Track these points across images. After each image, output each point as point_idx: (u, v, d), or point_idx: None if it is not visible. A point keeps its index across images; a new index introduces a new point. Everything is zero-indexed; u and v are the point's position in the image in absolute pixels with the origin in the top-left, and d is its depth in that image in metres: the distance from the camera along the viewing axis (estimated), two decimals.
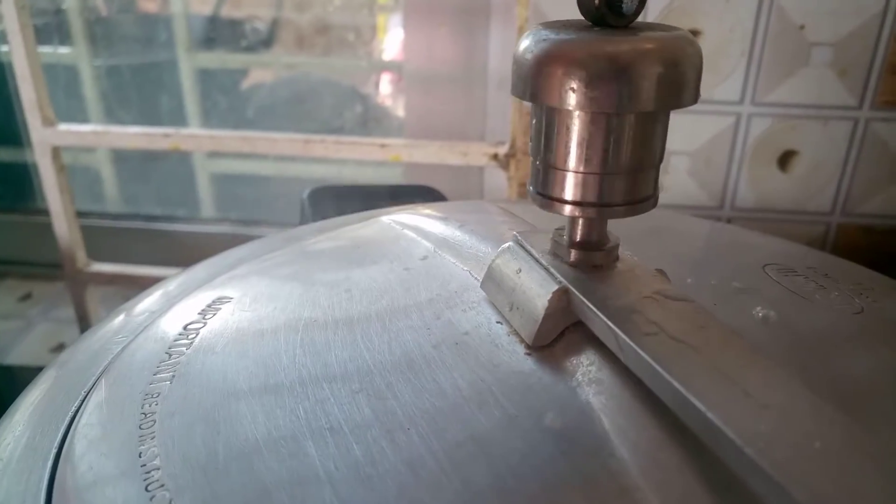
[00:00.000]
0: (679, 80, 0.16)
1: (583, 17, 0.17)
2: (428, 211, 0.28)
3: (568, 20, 0.17)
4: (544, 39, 0.16)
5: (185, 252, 0.73)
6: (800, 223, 0.49)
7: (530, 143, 0.17)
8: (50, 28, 0.70)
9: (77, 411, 0.18)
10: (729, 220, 0.50)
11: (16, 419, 0.19)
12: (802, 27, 0.44)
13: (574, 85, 0.15)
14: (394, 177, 0.71)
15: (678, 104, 0.16)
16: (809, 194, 0.49)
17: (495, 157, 0.50)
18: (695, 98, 0.16)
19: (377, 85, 0.70)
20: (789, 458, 0.12)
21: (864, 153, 0.47)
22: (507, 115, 0.52)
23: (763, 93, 0.46)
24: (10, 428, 0.18)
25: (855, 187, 0.48)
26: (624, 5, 0.16)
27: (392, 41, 0.69)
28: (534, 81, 0.16)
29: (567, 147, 0.16)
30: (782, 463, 0.12)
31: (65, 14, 0.71)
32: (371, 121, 0.71)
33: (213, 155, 0.76)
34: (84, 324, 0.60)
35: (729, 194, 0.49)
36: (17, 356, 0.62)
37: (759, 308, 0.20)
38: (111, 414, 0.17)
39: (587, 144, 0.16)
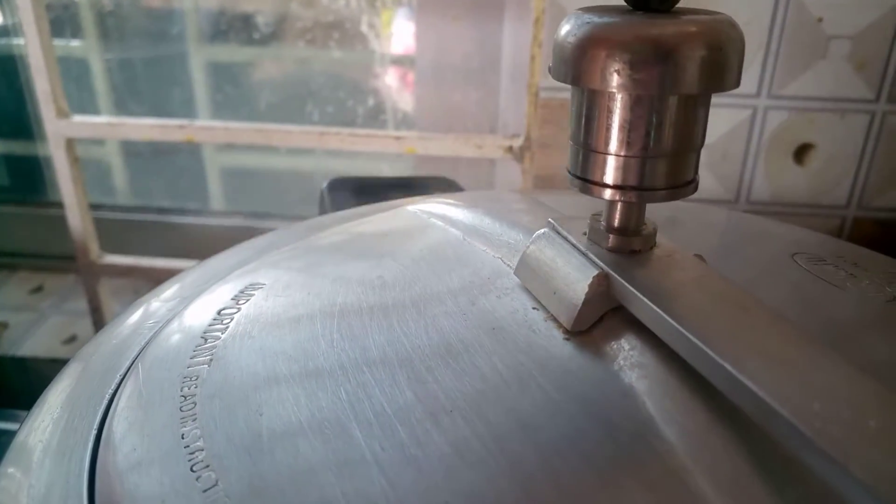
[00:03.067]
0: (723, 64, 0.15)
1: (624, 2, 0.17)
2: (451, 200, 0.28)
3: (608, 5, 0.17)
4: (587, 23, 0.16)
5: (196, 245, 0.73)
6: (815, 216, 0.49)
7: (570, 127, 0.17)
8: (61, 21, 0.70)
9: (114, 394, 0.18)
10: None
11: (53, 402, 0.19)
12: (820, 20, 0.44)
13: (618, 67, 0.15)
14: (405, 170, 0.71)
15: (721, 87, 0.16)
16: (825, 188, 0.48)
17: (510, 149, 0.50)
18: (737, 82, 0.16)
19: (385, 79, 0.70)
20: (846, 437, 0.12)
21: (880, 147, 0.47)
22: (521, 108, 0.52)
23: (780, 86, 0.46)
24: (47, 411, 0.18)
25: (871, 181, 0.48)
26: None
27: (399, 35, 0.69)
28: (576, 64, 0.16)
29: (609, 130, 0.16)
30: (840, 441, 0.12)
31: (76, 7, 0.71)
32: (379, 114, 0.71)
33: (223, 149, 0.76)
34: (97, 316, 0.60)
35: (745, 187, 0.49)
36: (30, 348, 0.63)
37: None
38: (150, 397, 0.17)
39: (630, 127, 0.16)
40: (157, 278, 0.60)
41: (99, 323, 0.60)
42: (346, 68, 0.69)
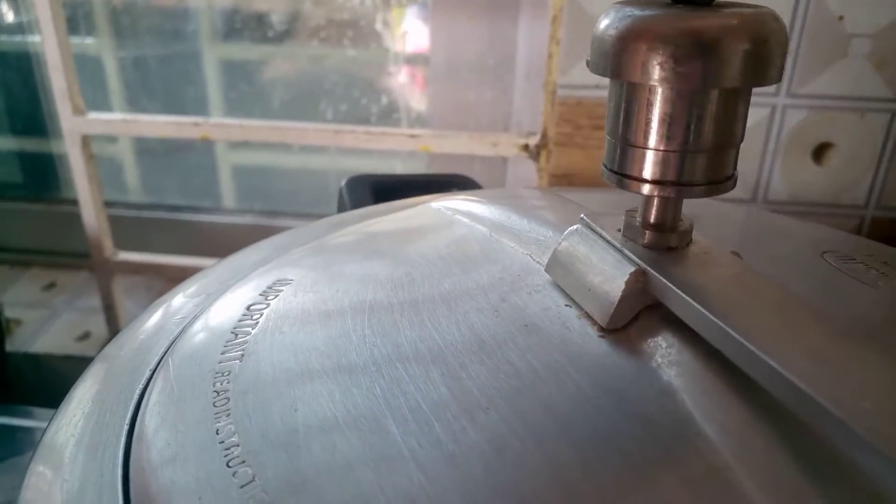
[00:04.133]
0: (766, 57, 0.15)
1: None
2: (475, 197, 0.28)
3: None
4: (628, 16, 0.16)
5: (208, 242, 0.73)
6: (834, 216, 0.49)
7: (608, 122, 0.17)
8: (75, 19, 0.71)
9: (145, 389, 0.18)
10: None
11: (82, 398, 0.19)
12: (841, 18, 0.44)
13: (660, 60, 0.15)
14: (418, 168, 0.71)
15: (764, 81, 0.16)
16: (844, 187, 0.48)
17: (526, 147, 0.50)
18: (779, 76, 0.16)
19: (398, 77, 0.70)
20: None
21: None
22: (536, 107, 0.52)
23: (799, 84, 0.46)
24: (77, 406, 0.18)
25: (890, 180, 0.47)
26: None
27: (412, 33, 0.68)
28: (616, 57, 0.16)
29: (649, 124, 0.16)
30: (894, 439, 0.11)
31: (90, 5, 0.71)
32: (393, 113, 0.70)
33: (236, 146, 0.76)
34: (110, 313, 0.60)
35: (762, 186, 0.49)
36: (43, 345, 0.63)
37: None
38: (182, 392, 0.17)
39: (670, 121, 0.16)
40: (171, 275, 0.60)
41: (112, 320, 0.60)
42: (359, 67, 0.69)
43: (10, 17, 0.76)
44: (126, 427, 0.17)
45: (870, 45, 0.44)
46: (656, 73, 0.15)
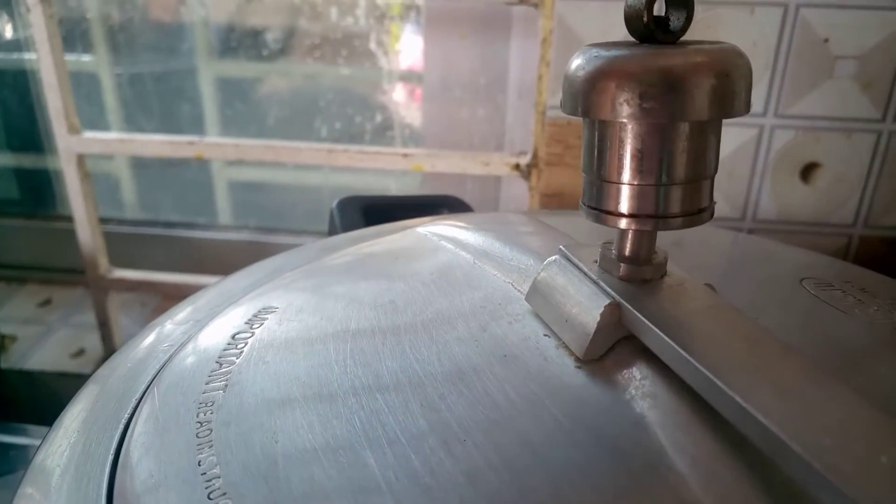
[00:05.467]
0: (730, 90, 0.16)
1: (631, 37, 0.17)
2: (461, 223, 0.28)
3: (616, 41, 0.17)
4: (596, 56, 0.16)
5: (204, 259, 0.73)
6: (822, 235, 0.49)
7: (582, 160, 0.17)
8: (72, 36, 0.71)
9: (130, 419, 0.18)
10: (750, 232, 0.50)
11: (70, 426, 0.19)
12: (827, 40, 0.44)
13: (628, 97, 0.15)
14: (411, 185, 0.71)
15: (730, 113, 0.16)
16: (832, 206, 0.49)
17: (517, 167, 0.50)
18: (746, 107, 0.16)
19: (392, 95, 0.71)
20: (858, 473, 0.12)
21: (887, 166, 0.47)
22: (528, 126, 0.52)
23: (786, 105, 0.46)
24: (64, 435, 0.19)
25: (878, 200, 0.48)
26: (671, 22, 0.17)
27: (407, 51, 0.69)
28: (586, 97, 0.16)
29: (621, 160, 0.16)
30: (851, 477, 0.12)
31: (86, 23, 0.72)
32: (387, 130, 0.71)
33: (231, 163, 0.76)
34: (105, 330, 0.60)
35: (751, 206, 0.49)
36: (37, 361, 0.63)
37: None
38: (166, 422, 0.17)
39: (642, 156, 0.16)
40: (166, 293, 0.60)
41: (107, 337, 0.61)
42: (354, 84, 0.70)
43: (8, 32, 0.77)
44: (111, 457, 0.17)
45: (856, 67, 0.45)
46: (624, 109, 0.15)
